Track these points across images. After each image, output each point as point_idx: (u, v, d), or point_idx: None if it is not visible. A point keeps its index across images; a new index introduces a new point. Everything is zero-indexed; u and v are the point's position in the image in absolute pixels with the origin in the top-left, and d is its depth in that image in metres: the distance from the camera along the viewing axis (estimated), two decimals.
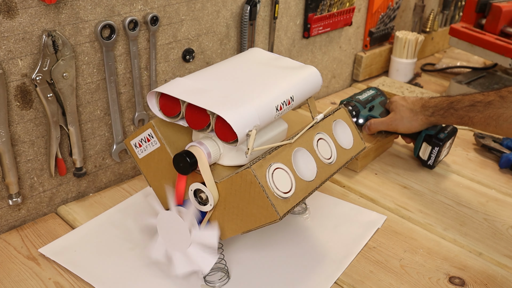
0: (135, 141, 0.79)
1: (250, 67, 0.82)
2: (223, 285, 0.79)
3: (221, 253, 0.81)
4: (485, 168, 1.17)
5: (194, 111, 0.71)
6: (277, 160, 0.72)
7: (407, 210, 1.00)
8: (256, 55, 0.87)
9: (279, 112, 0.74)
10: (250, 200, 0.70)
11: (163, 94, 0.74)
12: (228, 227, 0.74)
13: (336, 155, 0.82)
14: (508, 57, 1.38)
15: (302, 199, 0.73)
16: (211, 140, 0.73)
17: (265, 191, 0.68)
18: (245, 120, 0.68)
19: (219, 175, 0.73)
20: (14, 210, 0.90)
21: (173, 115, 0.74)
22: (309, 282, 0.81)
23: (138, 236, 0.88)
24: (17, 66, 0.81)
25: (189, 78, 0.76)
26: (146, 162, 0.79)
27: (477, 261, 0.88)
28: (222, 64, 0.83)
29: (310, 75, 0.82)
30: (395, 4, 1.59)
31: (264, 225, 0.70)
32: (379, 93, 1.22)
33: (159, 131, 0.76)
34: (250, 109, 0.69)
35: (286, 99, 0.76)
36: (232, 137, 0.69)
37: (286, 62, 0.84)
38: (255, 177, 0.68)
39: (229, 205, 0.72)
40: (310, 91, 0.82)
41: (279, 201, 0.69)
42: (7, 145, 0.83)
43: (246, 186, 0.69)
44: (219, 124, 0.70)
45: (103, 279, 0.79)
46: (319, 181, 0.77)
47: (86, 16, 0.86)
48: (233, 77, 0.78)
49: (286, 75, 0.80)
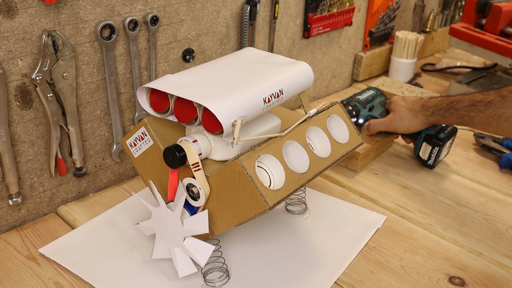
0: (130, 141, 0.80)
1: (241, 64, 0.83)
2: (223, 284, 0.79)
3: (218, 249, 0.81)
4: (485, 168, 1.17)
5: (182, 104, 0.73)
6: (267, 152, 0.73)
7: (407, 210, 1.00)
8: (249, 54, 0.88)
9: (267, 104, 0.75)
10: (239, 191, 0.70)
11: (153, 90, 0.75)
12: (221, 221, 0.75)
13: (331, 149, 0.82)
14: (508, 57, 1.38)
15: (293, 190, 0.74)
16: (202, 135, 0.74)
17: (253, 181, 0.69)
18: (230, 110, 0.69)
19: (210, 169, 0.74)
20: (14, 210, 0.90)
21: (163, 111, 0.75)
22: (309, 282, 0.81)
23: (138, 236, 0.88)
24: (17, 66, 0.81)
25: (179, 74, 0.77)
26: (142, 161, 0.80)
27: (477, 261, 0.88)
28: (214, 62, 0.84)
29: (301, 70, 0.83)
30: (395, 4, 1.59)
31: (255, 217, 0.71)
32: (379, 93, 1.22)
33: (151, 129, 0.77)
34: (235, 99, 0.70)
35: (275, 92, 0.76)
36: (218, 127, 0.70)
37: (278, 58, 0.85)
38: (243, 167, 0.69)
39: (220, 198, 0.73)
40: (301, 86, 0.83)
41: (268, 191, 0.70)
42: (7, 145, 0.83)
43: (235, 178, 0.70)
44: (205, 115, 0.71)
45: (103, 279, 0.79)
46: (312, 174, 0.78)
47: (86, 16, 0.86)
48: (222, 72, 0.79)
49: (276, 70, 0.81)
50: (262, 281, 0.81)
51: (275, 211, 0.96)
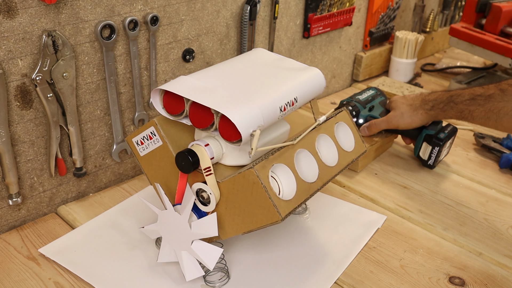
0: (137, 139, 0.79)
1: (254, 67, 0.82)
2: (223, 285, 0.79)
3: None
4: (485, 168, 1.17)
5: (198, 109, 0.71)
6: (280, 161, 0.72)
7: (407, 210, 1.00)
8: (260, 56, 0.87)
9: (282, 113, 0.74)
10: (252, 200, 0.69)
11: (167, 92, 0.74)
12: (229, 227, 0.74)
13: (338, 157, 0.82)
14: (508, 57, 1.38)
15: (304, 200, 0.73)
16: (214, 140, 0.73)
17: (267, 192, 0.68)
18: (249, 120, 0.68)
19: (222, 174, 0.73)
20: (14, 210, 0.90)
21: (177, 113, 0.74)
22: (309, 281, 0.81)
23: (138, 236, 0.88)
24: (17, 66, 0.81)
25: (193, 76, 0.75)
26: (148, 160, 0.79)
27: (477, 261, 0.88)
28: (226, 63, 0.83)
29: (314, 77, 0.82)
30: (395, 4, 1.59)
31: (266, 226, 0.70)
32: (379, 93, 1.22)
33: (161, 129, 0.76)
34: (254, 109, 0.69)
35: (290, 100, 0.76)
36: (236, 136, 0.69)
37: (290, 63, 0.84)
38: (257, 177, 0.68)
39: (230, 205, 0.72)
40: (314, 93, 0.82)
41: (281, 202, 0.69)
42: (7, 145, 0.83)
43: (248, 187, 0.69)
44: (223, 123, 0.69)
45: (103, 279, 0.79)
46: (320, 183, 0.77)
47: (86, 16, 0.86)
48: (238, 77, 0.78)
49: (290, 76, 0.80)
50: (262, 281, 0.81)
51: None
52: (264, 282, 0.80)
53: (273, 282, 0.81)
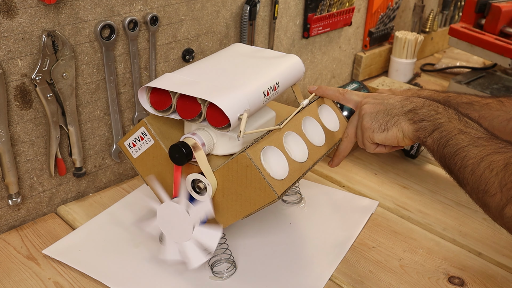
0: (129, 141, 0.80)
1: (235, 59, 0.85)
2: (230, 275, 0.81)
3: (225, 242, 0.83)
4: None
5: (185, 101, 0.74)
6: (269, 144, 0.75)
7: (406, 210, 1.00)
8: (239, 49, 0.90)
9: (266, 98, 0.78)
10: (247, 183, 0.72)
11: (153, 90, 0.76)
12: (229, 213, 0.76)
13: (325, 137, 0.86)
14: (507, 57, 1.38)
15: (297, 179, 0.76)
16: (204, 131, 0.76)
17: (261, 172, 0.70)
18: (236, 104, 0.71)
19: (215, 164, 0.75)
20: (13, 210, 0.90)
21: (164, 109, 0.76)
22: (313, 267, 0.83)
23: (141, 233, 0.88)
24: (17, 66, 0.81)
25: (177, 72, 0.78)
26: (142, 161, 0.80)
27: (477, 261, 0.88)
28: (208, 59, 0.86)
29: (293, 63, 0.87)
30: (394, 4, 1.59)
31: (264, 207, 0.72)
32: (361, 86, 1.22)
33: (152, 128, 0.78)
34: (239, 94, 0.72)
35: (272, 85, 0.79)
36: (224, 121, 0.71)
37: (267, 52, 0.88)
38: (250, 160, 0.70)
39: (227, 192, 0.74)
40: (294, 78, 0.86)
41: (275, 181, 0.72)
42: (7, 145, 0.83)
43: (242, 171, 0.71)
44: (210, 111, 0.72)
45: (112, 276, 0.80)
46: (311, 162, 0.80)
47: (86, 16, 0.86)
48: (220, 69, 0.81)
49: (271, 64, 0.84)
50: (268, 269, 0.83)
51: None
52: (269, 270, 0.83)
53: (278, 269, 0.83)
